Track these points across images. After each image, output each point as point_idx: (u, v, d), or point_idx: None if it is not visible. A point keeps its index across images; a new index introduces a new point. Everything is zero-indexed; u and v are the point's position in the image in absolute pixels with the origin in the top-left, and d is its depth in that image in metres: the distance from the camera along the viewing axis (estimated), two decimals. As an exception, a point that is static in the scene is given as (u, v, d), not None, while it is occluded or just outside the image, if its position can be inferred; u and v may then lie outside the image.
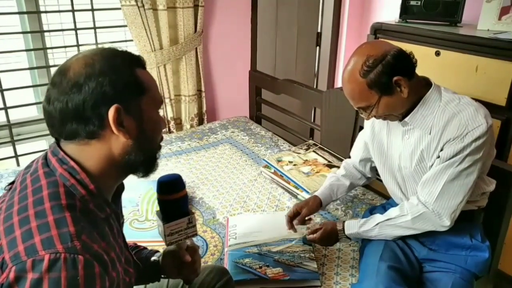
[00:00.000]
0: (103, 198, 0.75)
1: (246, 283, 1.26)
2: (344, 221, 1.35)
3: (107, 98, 0.70)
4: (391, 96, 1.15)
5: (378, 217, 1.29)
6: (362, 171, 1.53)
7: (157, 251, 1.05)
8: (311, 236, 1.37)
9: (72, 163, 0.72)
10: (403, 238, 1.31)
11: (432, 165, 1.20)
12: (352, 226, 1.33)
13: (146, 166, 0.80)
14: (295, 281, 1.28)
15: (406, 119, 1.22)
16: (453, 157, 1.14)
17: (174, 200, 0.91)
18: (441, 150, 1.17)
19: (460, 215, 1.21)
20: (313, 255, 1.38)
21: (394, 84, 1.13)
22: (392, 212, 1.27)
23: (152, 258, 1.02)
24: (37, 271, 0.60)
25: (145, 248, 1.08)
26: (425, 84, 1.21)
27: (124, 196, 0.90)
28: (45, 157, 0.75)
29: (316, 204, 1.46)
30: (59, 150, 0.73)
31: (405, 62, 1.14)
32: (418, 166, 1.24)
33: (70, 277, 0.60)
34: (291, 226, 1.43)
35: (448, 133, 1.14)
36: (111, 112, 0.70)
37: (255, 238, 1.44)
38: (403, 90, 1.14)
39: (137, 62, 0.77)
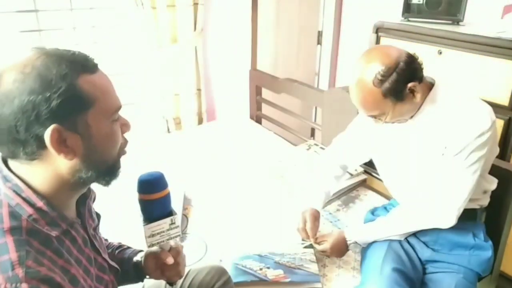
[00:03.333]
0: (57, 213, 0.68)
1: (246, 285, 1.25)
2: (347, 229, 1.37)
3: (41, 119, 0.61)
4: (403, 102, 1.13)
5: (383, 218, 1.33)
6: (345, 167, 1.55)
7: (141, 251, 1.01)
8: (321, 247, 1.35)
9: (16, 180, 0.66)
10: (406, 239, 1.30)
11: (436, 163, 1.19)
12: (360, 231, 1.34)
13: (102, 179, 0.73)
14: (296, 283, 1.26)
15: (411, 119, 1.21)
16: (457, 154, 1.14)
17: (155, 200, 0.84)
18: (445, 148, 1.16)
19: (462, 214, 1.21)
20: (314, 257, 1.37)
21: (408, 90, 1.12)
22: (396, 211, 1.28)
23: (135, 259, 0.98)
24: None
25: (128, 247, 1.03)
26: (429, 83, 1.20)
27: (118, 195, 0.87)
28: None
29: (316, 217, 1.42)
30: (3, 167, 0.67)
31: (416, 66, 1.13)
32: (424, 164, 1.23)
33: None
34: (306, 234, 1.38)
35: (452, 130, 1.14)
36: (48, 135, 0.62)
37: (256, 240, 1.43)
38: (416, 95, 1.13)
39: (81, 68, 0.66)
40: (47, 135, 0.62)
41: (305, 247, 1.40)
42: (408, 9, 2.00)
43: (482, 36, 1.66)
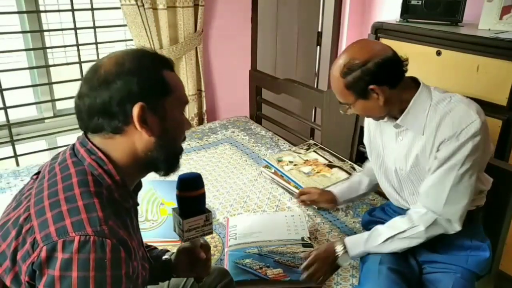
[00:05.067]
0: (127, 189, 0.78)
1: (246, 283, 1.25)
2: (342, 243, 1.26)
3: (133, 96, 0.73)
4: (366, 100, 1.15)
5: (384, 231, 1.22)
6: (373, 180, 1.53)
7: (168, 251, 1.07)
8: (306, 271, 1.26)
9: (100, 154, 0.75)
10: None
11: (430, 168, 1.17)
12: (356, 245, 1.25)
13: (167, 164, 0.82)
14: (295, 282, 1.27)
15: (398, 121, 1.20)
16: (450, 157, 1.12)
17: (193, 197, 0.94)
18: (437, 151, 1.14)
19: None
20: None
21: (370, 90, 1.12)
22: (399, 224, 1.21)
23: (164, 257, 1.04)
24: (67, 251, 0.63)
25: (155, 248, 1.09)
26: (415, 85, 1.19)
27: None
28: (73, 148, 0.78)
29: (328, 195, 1.49)
30: (87, 141, 0.76)
31: (389, 72, 1.12)
32: (414, 168, 1.22)
33: (98, 259, 0.63)
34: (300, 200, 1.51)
35: (442, 133, 1.12)
36: (136, 109, 0.73)
37: (256, 238, 1.44)
38: (379, 98, 1.13)
39: (165, 64, 0.80)
40: (136, 110, 0.73)
41: (305, 246, 1.41)
42: (407, 10, 2.01)
43: (481, 37, 1.67)
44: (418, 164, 1.20)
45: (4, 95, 1.94)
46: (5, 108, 1.96)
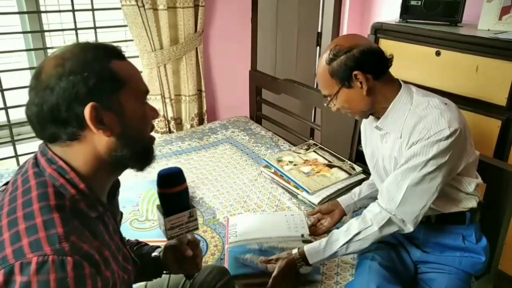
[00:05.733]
0: (95, 197, 0.73)
1: (246, 277, 1.26)
2: (297, 250, 1.24)
3: (81, 97, 0.68)
4: (350, 89, 1.16)
5: (340, 236, 1.21)
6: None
7: (158, 247, 1.04)
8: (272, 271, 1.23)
9: (60, 162, 0.71)
10: (397, 239, 1.31)
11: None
12: (315, 254, 1.22)
13: (136, 160, 0.78)
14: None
15: (378, 124, 1.21)
16: (413, 157, 1.11)
17: (174, 193, 0.89)
18: (406, 152, 1.14)
19: (449, 217, 1.21)
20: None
21: (354, 77, 1.13)
22: (354, 227, 1.19)
23: (153, 254, 1.01)
24: (25, 274, 0.59)
25: (146, 244, 1.07)
26: (398, 86, 1.19)
27: (124, 196, 0.90)
28: (36, 157, 0.74)
29: (340, 214, 1.47)
30: (47, 150, 0.73)
31: (372, 60, 1.13)
32: (392, 170, 1.22)
33: (59, 279, 0.60)
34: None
35: (413, 137, 1.12)
36: (87, 111, 0.68)
37: (256, 235, 1.44)
38: (363, 87, 1.14)
39: (113, 53, 0.74)
40: (87, 111, 0.68)
41: (304, 241, 1.41)
42: (406, 11, 2.02)
43: (480, 37, 1.68)
44: (396, 166, 1.20)
45: (5, 95, 1.95)
46: (5, 108, 1.96)
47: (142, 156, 0.79)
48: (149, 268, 1.00)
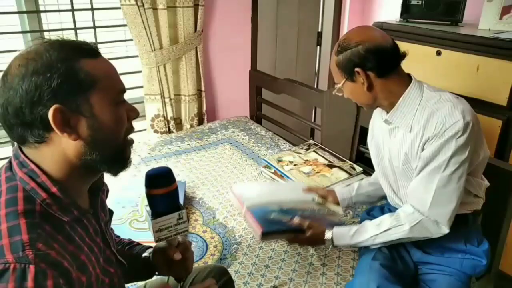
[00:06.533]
0: (69, 200, 0.70)
1: (277, 233, 1.29)
2: (332, 231, 1.26)
3: (44, 99, 0.64)
4: (353, 83, 1.18)
5: (370, 228, 1.22)
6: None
7: (150, 247, 1.01)
8: (299, 236, 1.28)
9: (32, 166, 0.68)
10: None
11: (417, 166, 1.16)
12: (342, 237, 1.24)
13: (109, 165, 0.74)
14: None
15: (386, 117, 1.21)
16: (434, 157, 1.11)
17: (163, 194, 0.85)
18: (423, 150, 1.14)
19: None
20: (332, 211, 1.41)
21: (356, 73, 1.15)
22: (386, 222, 1.20)
23: (143, 255, 0.98)
24: None
25: (138, 244, 1.04)
26: (409, 81, 1.19)
27: (124, 196, 0.88)
28: (10, 161, 0.71)
29: (334, 196, 1.46)
30: (20, 154, 0.70)
31: (377, 59, 1.13)
32: (405, 166, 1.22)
33: None
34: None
35: (427, 132, 1.12)
36: (50, 114, 0.64)
37: (272, 199, 1.40)
38: (364, 84, 1.15)
39: (83, 51, 0.69)
40: (50, 114, 0.64)
41: (317, 203, 1.43)
42: (407, 10, 2.01)
43: (481, 37, 1.67)
44: (408, 162, 1.20)
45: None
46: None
47: (114, 161, 0.74)
48: (140, 269, 0.97)
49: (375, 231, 1.20)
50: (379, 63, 1.13)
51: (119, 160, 0.75)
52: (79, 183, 0.74)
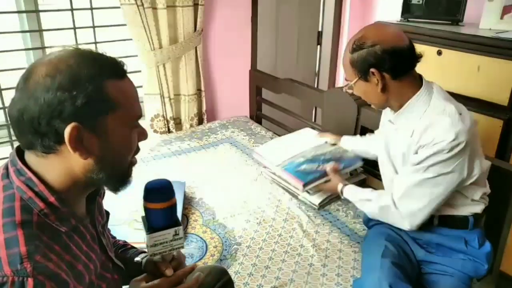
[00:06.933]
0: (67, 209, 0.69)
1: (314, 180, 1.57)
2: (345, 185, 1.45)
3: (64, 116, 0.63)
4: (366, 82, 1.17)
5: (365, 193, 1.35)
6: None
7: (143, 252, 0.99)
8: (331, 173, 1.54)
9: (29, 174, 0.67)
10: (402, 238, 1.30)
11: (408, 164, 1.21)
12: (349, 193, 1.42)
13: (112, 184, 0.75)
14: (346, 167, 1.66)
15: (391, 118, 1.22)
16: (420, 162, 1.14)
17: (161, 209, 0.82)
18: (415, 153, 1.17)
19: (453, 221, 1.22)
20: (345, 150, 1.72)
21: (371, 74, 1.13)
22: (372, 194, 1.32)
23: (136, 259, 0.96)
24: None
25: (132, 247, 1.03)
26: (419, 84, 1.19)
27: (124, 197, 0.87)
28: (7, 167, 0.69)
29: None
30: (17, 160, 0.68)
31: (394, 61, 1.12)
32: (403, 167, 1.24)
33: None
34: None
35: (422, 140, 1.13)
36: (67, 132, 0.63)
37: (296, 152, 1.72)
38: (378, 84, 1.14)
39: (110, 72, 0.68)
40: (67, 132, 0.64)
41: (332, 145, 1.76)
42: (407, 10, 2.01)
43: (482, 37, 1.67)
44: (405, 163, 1.22)
45: (3, 94, 1.93)
46: (4, 108, 1.95)
47: (118, 181, 0.75)
48: (132, 273, 0.93)
49: (364, 195, 1.34)
50: (395, 65, 1.12)
51: (122, 180, 0.76)
52: (78, 194, 0.74)
